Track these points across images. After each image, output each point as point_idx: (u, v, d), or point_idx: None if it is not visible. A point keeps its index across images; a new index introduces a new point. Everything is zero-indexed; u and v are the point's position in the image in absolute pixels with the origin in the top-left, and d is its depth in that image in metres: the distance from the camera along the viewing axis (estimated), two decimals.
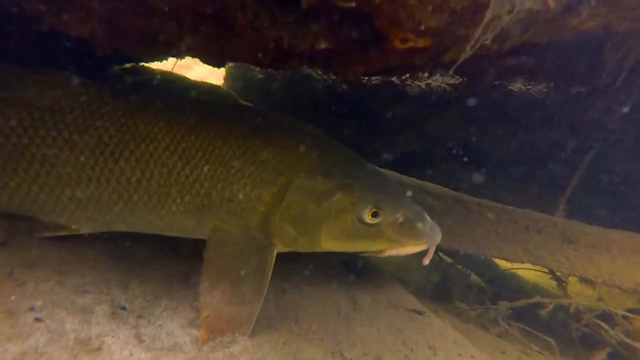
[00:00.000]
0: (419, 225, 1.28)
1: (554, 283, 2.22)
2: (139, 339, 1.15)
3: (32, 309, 1.09)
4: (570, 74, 1.45)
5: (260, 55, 1.15)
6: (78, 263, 1.41)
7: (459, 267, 2.80)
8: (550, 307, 1.85)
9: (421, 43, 1.05)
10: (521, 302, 1.93)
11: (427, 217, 1.32)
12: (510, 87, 2.12)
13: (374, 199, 1.27)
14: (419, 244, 1.29)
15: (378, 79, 2.62)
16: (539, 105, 2.03)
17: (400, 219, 1.28)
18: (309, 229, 1.27)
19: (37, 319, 1.06)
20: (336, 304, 1.67)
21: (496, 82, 2.08)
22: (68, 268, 1.37)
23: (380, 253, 1.33)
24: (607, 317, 1.84)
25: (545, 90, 2.05)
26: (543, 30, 1.09)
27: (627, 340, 1.62)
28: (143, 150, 1.25)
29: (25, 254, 1.33)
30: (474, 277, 2.72)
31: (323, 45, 1.10)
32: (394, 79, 2.56)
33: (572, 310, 1.90)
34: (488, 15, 0.87)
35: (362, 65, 1.21)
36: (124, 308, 1.30)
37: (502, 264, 2.84)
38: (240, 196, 1.27)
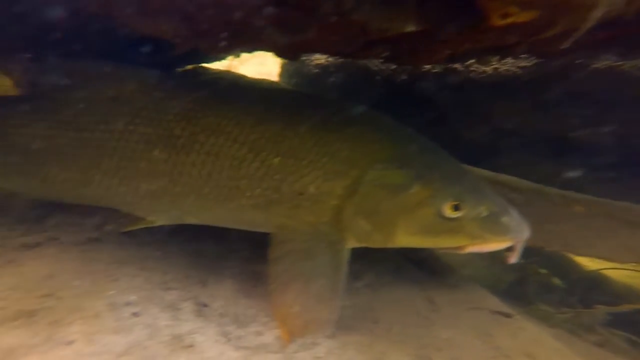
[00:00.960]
0: (505, 219, 1.17)
1: None
2: (226, 337, 1.14)
3: (128, 304, 1.12)
4: None
5: (342, 44, 1.09)
6: (159, 260, 1.46)
7: (535, 265, 2.60)
8: None
9: (524, 17, 0.94)
10: (625, 307, 1.72)
11: (514, 211, 1.20)
12: (595, 65, 1.90)
13: (455, 192, 1.18)
14: (504, 240, 1.18)
15: (441, 67, 2.49)
16: (636, 84, 1.80)
17: (484, 213, 1.17)
18: (385, 224, 1.21)
19: (134, 314, 1.09)
20: (413, 305, 1.58)
21: (578, 61, 1.88)
22: (151, 265, 1.41)
23: (460, 250, 1.23)
24: None
25: None
26: None
27: None
28: (213, 143, 1.25)
29: (115, 251, 1.39)
30: (553, 278, 2.51)
31: (411, 28, 1.02)
32: (457, 65, 2.41)
33: None
34: None
35: (450, 49, 1.12)
36: (205, 305, 1.31)
37: (585, 262, 2.60)
38: (312, 189, 1.22)
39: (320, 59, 2.65)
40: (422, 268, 1.86)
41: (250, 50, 1.41)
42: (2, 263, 1.26)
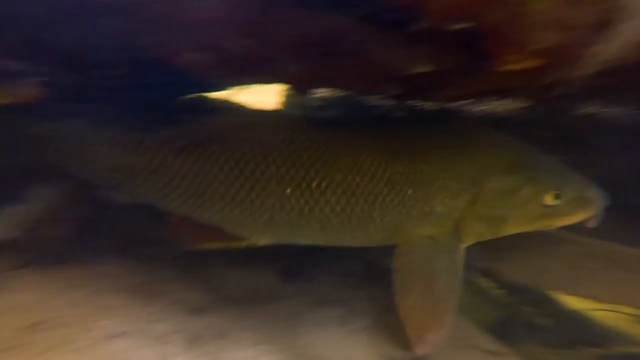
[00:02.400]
0: (589, 194, 1.44)
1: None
2: None
3: None
4: None
5: (358, 80, 1.15)
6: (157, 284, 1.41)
7: (520, 303, 2.61)
8: None
9: (530, 64, 1.02)
10: (614, 349, 1.74)
11: (593, 185, 1.46)
12: (586, 110, 2.04)
13: (556, 184, 1.41)
14: (590, 211, 1.44)
15: (435, 105, 2.60)
16: (621, 129, 1.93)
17: (577, 194, 1.44)
18: (498, 223, 1.41)
19: None
20: None
21: (570, 106, 2.01)
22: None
23: (551, 227, 1.49)
24: None
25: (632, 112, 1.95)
26: None
27: None
28: (350, 182, 1.35)
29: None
30: (540, 317, 2.51)
31: (423, 69, 1.09)
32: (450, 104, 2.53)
33: None
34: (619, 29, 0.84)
35: (458, 90, 1.19)
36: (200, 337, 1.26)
37: (571, 302, 2.63)
38: (439, 209, 1.37)
39: (323, 91, 2.72)
40: None
41: (263, 82, 1.46)
42: None
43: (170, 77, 1.24)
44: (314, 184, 1.33)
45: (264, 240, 1.43)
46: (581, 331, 2.28)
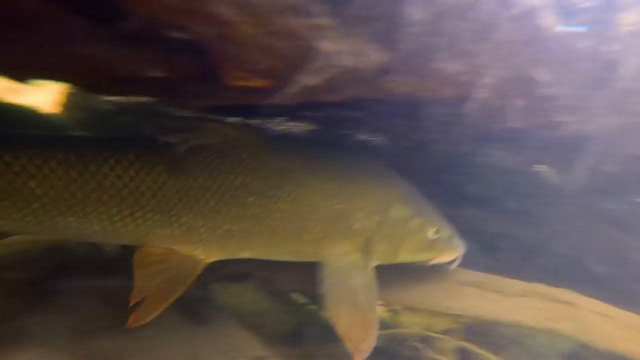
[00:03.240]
0: (455, 240, 1.81)
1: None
2: None
3: None
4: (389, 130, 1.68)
5: (75, 75, 1.01)
6: None
7: (316, 307, 2.82)
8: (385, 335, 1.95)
9: (256, 83, 1.07)
10: (393, 332, 1.98)
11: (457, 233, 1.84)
12: (359, 137, 2.34)
13: (437, 222, 1.76)
14: (455, 254, 1.80)
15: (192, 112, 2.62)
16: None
17: (447, 236, 1.78)
18: (395, 247, 1.68)
19: None
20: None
21: (344, 132, 2.27)
22: None
23: (427, 262, 1.79)
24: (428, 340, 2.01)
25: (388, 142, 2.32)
26: (370, 88, 1.22)
27: (438, 357, 1.80)
28: (298, 194, 1.53)
29: None
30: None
31: (154, 74, 1.03)
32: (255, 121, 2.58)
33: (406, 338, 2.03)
34: (311, 66, 0.93)
35: (197, 99, 1.18)
36: None
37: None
38: (357, 225, 1.60)
39: (116, 97, 2.45)
40: (192, 319, 1.78)
41: None
42: None
43: None
44: (271, 194, 1.49)
45: (215, 256, 1.50)
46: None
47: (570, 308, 2.08)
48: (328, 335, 2.51)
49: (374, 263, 1.65)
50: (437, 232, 1.73)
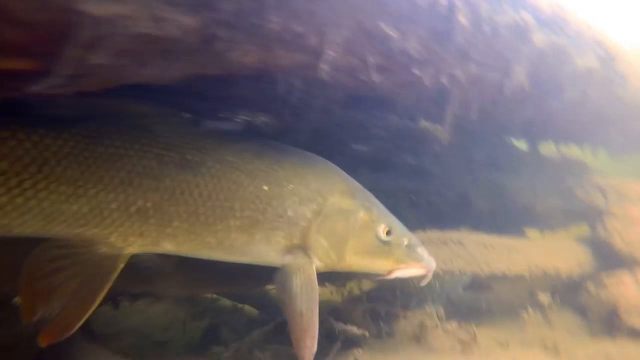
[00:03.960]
0: (420, 250, 1.57)
1: None
2: None
3: None
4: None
5: None
6: None
7: (233, 303, 2.71)
8: None
9: (14, 65, 0.85)
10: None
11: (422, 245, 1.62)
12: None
13: (387, 220, 1.56)
14: (421, 266, 1.56)
15: None
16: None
17: (406, 242, 1.56)
18: (338, 242, 1.49)
19: None
20: None
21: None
22: None
23: (389, 274, 1.57)
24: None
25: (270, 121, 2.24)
26: (205, 62, 1.10)
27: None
28: (218, 168, 1.40)
29: None
30: (249, 309, 2.68)
31: None
32: None
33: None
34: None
35: None
36: None
37: None
38: (290, 213, 1.45)
39: None
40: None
41: None
42: None
43: None
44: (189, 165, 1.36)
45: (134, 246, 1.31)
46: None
47: (461, 247, 2.27)
48: (243, 329, 2.44)
49: (317, 263, 1.48)
50: (389, 232, 1.53)
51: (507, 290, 2.73)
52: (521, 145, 4.04)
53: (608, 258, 2.50)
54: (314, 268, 1.45)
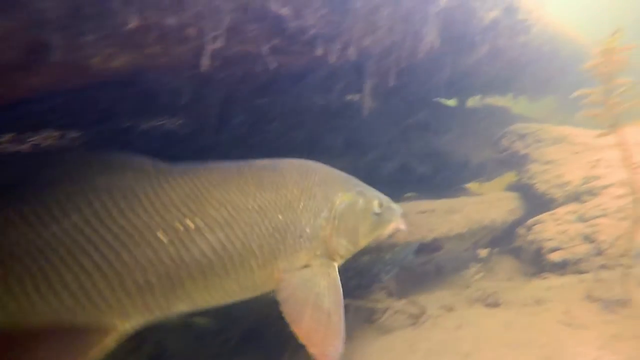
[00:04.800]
0: (395, 206, 1.74)
1: None
2: None
3: None
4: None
5: None
6: None
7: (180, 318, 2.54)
8: None
9: None
10: None
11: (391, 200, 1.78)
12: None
13: (377, 196, 1.67)
14: (403, 221, 1.75)
15: None
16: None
17: (388, 205, 1.70)
18: (352, 234, 1.56)
19: None
20: None
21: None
22: None
23: (382, 235, 1.73)
24: None
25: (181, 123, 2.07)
26: (74, 73, 0.94)
27: None
28: (224, 214, 1.29)
29: None
30: (201, 320, 2.55)
31: None
32: None
33: None
34: None
35: None
36: None
37: None
38: (308, 230, 1.44)
39: None
40: None
41: None
42: None
43: None
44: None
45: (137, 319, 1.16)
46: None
47: (405, 218, 2.28)
48: (196, 346, 2.30)
49: (340, 262, 1.51)
50: (380, 204, 1.63)
51: (454, 247, 2.82)
52: (451, 103, 4.16)
53: (534, 201, 2.66)
54: (336, 269, 1.47)
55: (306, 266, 1.43)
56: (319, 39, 1.52)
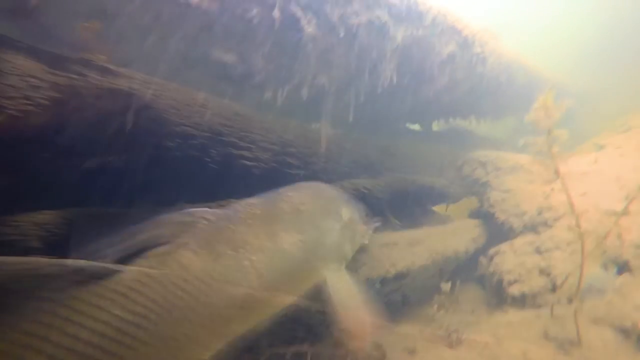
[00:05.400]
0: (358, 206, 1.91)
1: None
2: None
3: None
4: None
5: None
6: None
7: None
8: None
9: None
10: None
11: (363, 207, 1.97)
12: None
13: (360, 206, 1.87)
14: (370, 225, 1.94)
15: None
16: None
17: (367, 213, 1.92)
18: (351, 241, 1.73)
19: None
20: None
21: None
22: None
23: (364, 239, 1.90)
24: None
25: None
26: None
27: None
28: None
29: None
30: None
31: None
32: None
33: None
34: None
35: None
36: None
37: None
38: (328, 242, 1.59)
39: None
40: None
41: None
42: None
43: None
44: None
45: None
46: None
47: (366, 253, 2.25)
48: None
49: (345, 263, 1.67)
50: (365, 212, 1.87)
51: (420, 275, 2.80)
52: (416, 128, 4.22)
53: (495, 228, 2.67)
54: (345, 271, 1.62)
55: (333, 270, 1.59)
56: (268, 83, 1.50)
